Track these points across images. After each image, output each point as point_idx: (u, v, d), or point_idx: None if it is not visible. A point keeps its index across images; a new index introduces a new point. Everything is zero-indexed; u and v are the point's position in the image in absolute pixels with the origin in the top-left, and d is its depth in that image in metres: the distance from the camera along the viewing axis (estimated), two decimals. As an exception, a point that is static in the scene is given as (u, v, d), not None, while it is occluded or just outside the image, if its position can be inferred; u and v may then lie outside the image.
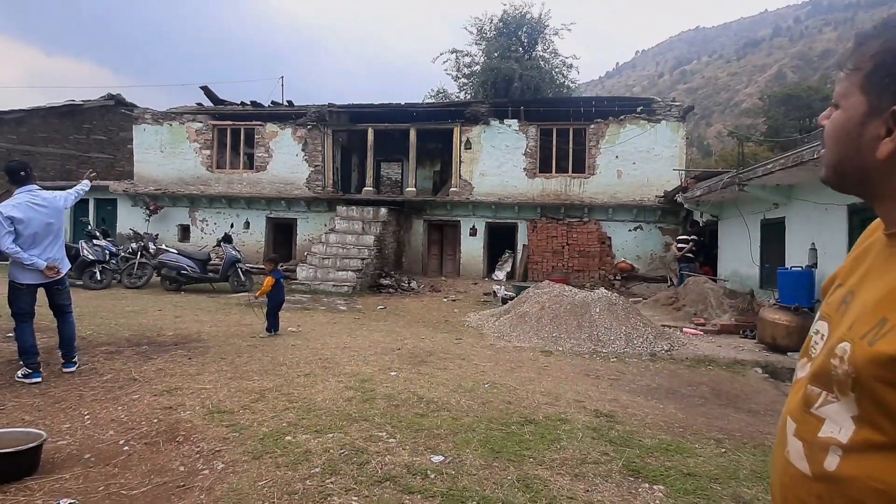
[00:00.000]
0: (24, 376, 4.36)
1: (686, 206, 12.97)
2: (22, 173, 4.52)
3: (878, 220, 0.83)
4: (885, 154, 0.74)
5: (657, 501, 2.87)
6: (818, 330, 0.84)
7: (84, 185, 5.18)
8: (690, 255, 12.21)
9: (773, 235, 9.53)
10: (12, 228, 4.28)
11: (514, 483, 2.99)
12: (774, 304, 7.60)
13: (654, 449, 3.60)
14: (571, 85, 25.45)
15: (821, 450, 0.74)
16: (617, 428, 3.99)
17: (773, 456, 0.88)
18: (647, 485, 3.06)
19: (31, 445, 2.88)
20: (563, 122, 15.53)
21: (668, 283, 13.38)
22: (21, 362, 4.43)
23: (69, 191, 4.97)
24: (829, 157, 0.83)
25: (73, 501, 2.61)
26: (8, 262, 4.49)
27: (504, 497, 2.81)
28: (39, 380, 4.36)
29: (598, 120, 15.16)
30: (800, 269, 7.72)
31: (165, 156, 17.18)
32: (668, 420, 4.28)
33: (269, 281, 7.06)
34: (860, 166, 0.78)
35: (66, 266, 4.71)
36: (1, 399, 3.97)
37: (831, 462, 0.72)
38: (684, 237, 12.59)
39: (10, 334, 5.72)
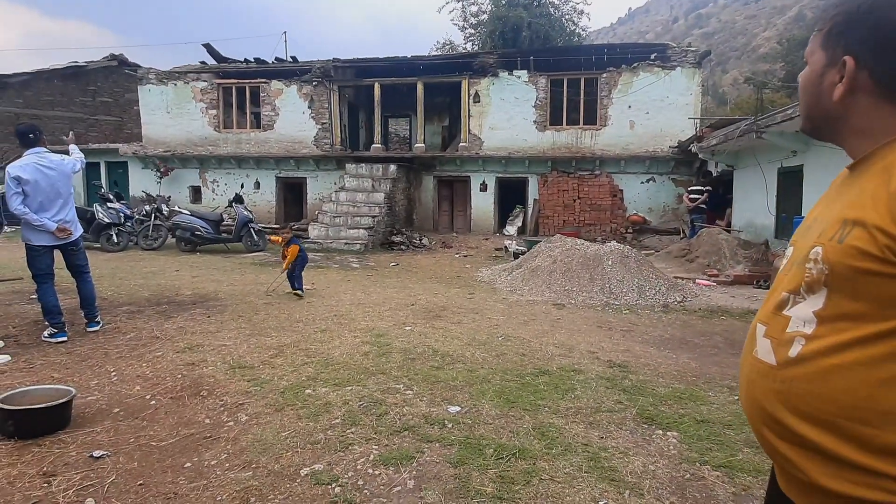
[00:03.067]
0: (50, 336, 4.49)
1: (701, 156, 12.68)
2: (31, 136, 4.52)
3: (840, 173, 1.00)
4: (838, 96, 0.90)
5: (671, 447, 2.92)
6: (787, 255, 1.00)
7: (73, 150, 5.12)
8: (703, 206, 12.04)
9: (790, 184, 9.33)
10: (20, 189, 4.31)
11: (530, 431, 3.06)
12: (790, 254, 7.51)
13: (668, 397, 3.65)
14: (582, 33, 24.52)
15: (787, 343, 0.87)
16: (630, 377, 4.04)
17: (742, 360, 1.00)
18: (660, 431, 3.11)
19: (61, 401, 2.99)
20: (574, 72, 15.05)
21: (681, 236, 13.26)
22: (46, 322, 4.55)
23: (78, 157, 4.96)
24: (801, 108, 0.99)
25: (105, 453, 2.72)
26: (21, 226, 4.55)
27: (520, 444, 2.88)
28: (65, 339, 4.49)
29: (611, 69, 14.67)
30: (817, 217, 7.57)
31: (172, 116, 17.03)
32: (682, 369, 4.32)
33: (294, 250, 6.87)
34: (824, 112, 0.93)
35: (78, 229, 4.74)
36: (30, 358, 4.10)
37: (794, 350, 0.85)
38: (697, 188, 12.38)
39: (34, 296, 5.86)
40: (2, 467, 2.55)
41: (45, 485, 2.42)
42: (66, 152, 5.01)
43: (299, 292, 6.83)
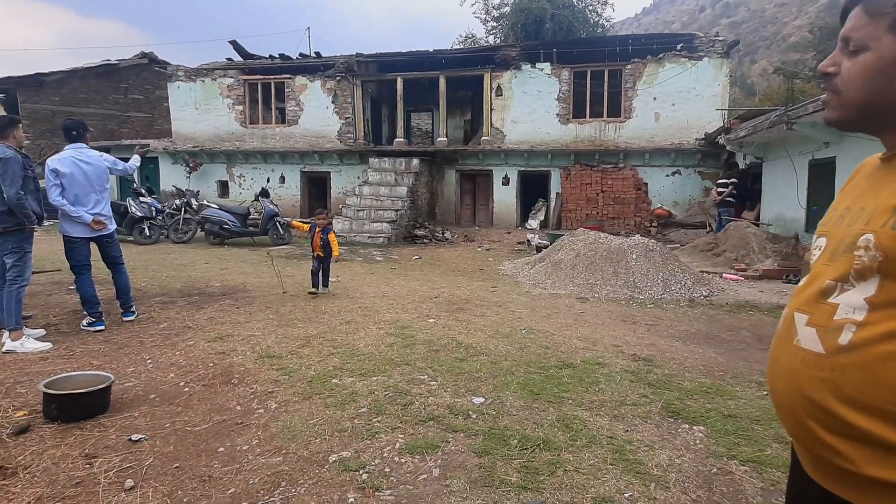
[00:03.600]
0: (89, 325, 4.67)
1: (728, 148, 12.41)
2: (74, 132, 4.74)
3: (861, 164, 1.03)
4: None
5: (698, 441, 2.91)
6: (819, 245, 0.98)
7: (135, 161, 5.35)
8: (731, 199, 11.79)
9: (821, 176, 9.07)
10: (58, 182, 4.52)
11: (554, 423, 3.07)
12: (822, 249, 7.32)
13: (694, 391, 3.61)
14: (606, 24, 24.16)
15: (835, 330, 0.85)
16: (655, 371, 4.02)
17: (775, 352, 0.98)
18: (686, 425, 3.10)
19: (101, 386, 3.11)
20: (598, 64, 14.84)
21: (707, 230, 13.02)
22: (85, 311, 4.73)
23: (121, 162, 5.14)
24: (855, 97, 0.92)
25: (142, 437, 2.82)
26: (58, 219, 4.75)
27: (545, 436, 2.90)
28: (103, 328, 4.66)
29: (635, 60, 14.42)
30: (851, 211, 7.35)
31: (200, 112, 17.38)
32: (708, 364, 4.28)
33: (334, 238, 6.58)
34: (890, 101, 0.89)
35: (112, 223, 4.94)
36: (70, 346, 4.27)
37: (845, 337, 0.83)
38: (724, 181, 12.14)
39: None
40: (46, 449, 2.68)
41: (87, 466, 2.54)
42: (106, 151, 5.22)
43: (322, 290, 6.50)
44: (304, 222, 7.03)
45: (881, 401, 0.78)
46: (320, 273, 6.56)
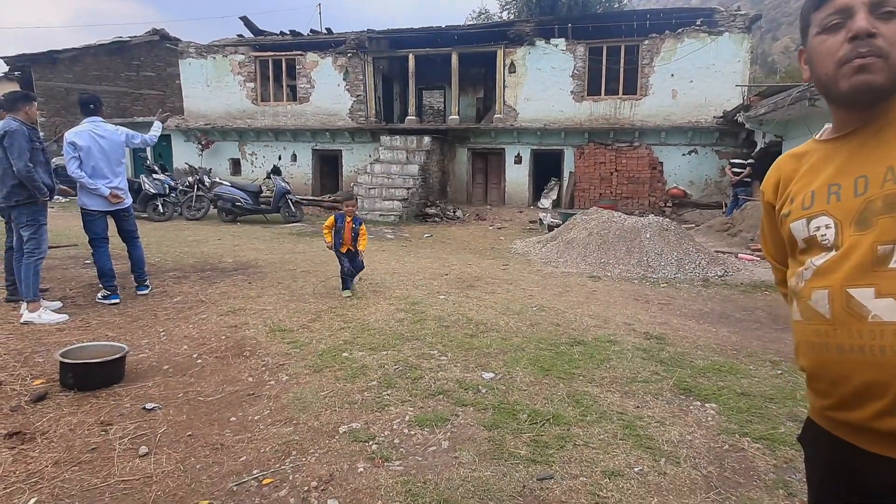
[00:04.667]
0: (104, 297, 4.73)
1: (748, 126, 12.10)
2: (91, 106, 4.82)
3: (814, 144, 1.05)
4: None
5: (709, 418, 2.88)
6: (819, 226, 0.95)
7: (156, 130, 5.37)
8: (748, 179, 11.54)
9: (845, 155, 8.82)
10: (76, 154, 4.60)
11: (564, 398, 3.06)
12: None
13: (707, 370, 3.58)
14: (624, -2, 23.50)
15: None
16: (668, 349, 3.98)
17: (836, 339, 0.89)
18: (698, 403, 3.07)
19: (116, 356, 3.16)
20: (615, 39, 14.46)
21: (723, 210, 12.79)
22: (101, 285, 4.80)
23: (139, 134, 5.18)
24: None
25: (156, 405, 2.87)
26: (76, 195, 4.81)
27: (555, 411, 2.89)
28: (118, 301, 4.73)
29: (653, 35, 14.03)
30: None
31: (212, 90, 17.32)
32: (721, 342, 4.23)
33: (364, 232, 5.50)
34: None
35: (129, 198, 5.02)
36: (85, 318, 4.33)
37: None
38: (739, 161, 11.84)
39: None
40: (63, 416, 2.73)
41: (103, 432, 2.58)
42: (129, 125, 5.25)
43: (348, 291, 5.38)
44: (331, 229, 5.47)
45: None
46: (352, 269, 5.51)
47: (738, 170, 11.68)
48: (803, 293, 0.97)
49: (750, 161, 11.64)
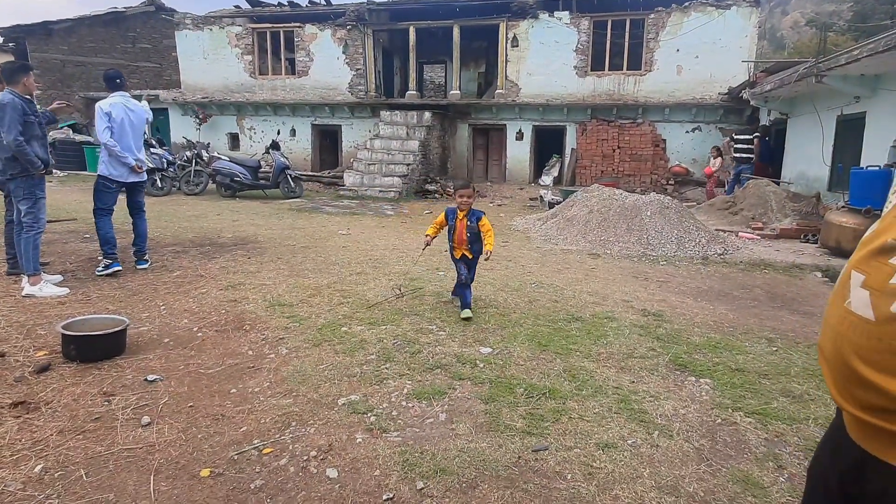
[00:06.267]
0: (105, 267, 4.76)
1: (753, 102, 11.96)
2: (118, 80, 4.99)
3: None
4: None
5: (704, 394, 2.92)
6: (892, 200, 0.88)
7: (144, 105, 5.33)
8: (751, 155, 11.41)
9: (849, 133, 8.74)
10: (111, 125, 4.78)
11: (561, 373, 3.10)
12: (843, 207, 7.15)
13: (703, 346, 3.61)
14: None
15: (890, 295, 0.76)
16: (665, 326, 4.01)
17: (828, 311, 0.90)
18: (693, 378, 3.10)
19: (117, 329, 3.18)
20: (620, 13, 14.18)
21: (724, 188, 12.73)
22: (101, 257, 4.83)
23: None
24: None
25: (158, 377, 2.90)
26: (98, 163, 4.96)
27: (551, 385, 2.93)
28: (119, 268, 4.82)
29: (659, 9, 13.76)
30: (877, 168, 7.13)
31: (209, 62, 17.07)
32: (718, 320, 4.25)
33: (488, 226, 4.07)
34: None
35: (145, 172, 5.22)
36: (86, 291, 4.35)
37: None
38: (744, 136, 11.66)
39: (88, 235, 6.15)
40: (66, 386, 2.77)
41: (106, 403, 2.62)
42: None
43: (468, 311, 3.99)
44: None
45: None
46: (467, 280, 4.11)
47: (742, 146, 11.55)
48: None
49: (756, 135, 11.51)
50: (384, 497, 1.99)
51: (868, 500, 0.84)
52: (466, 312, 3.97)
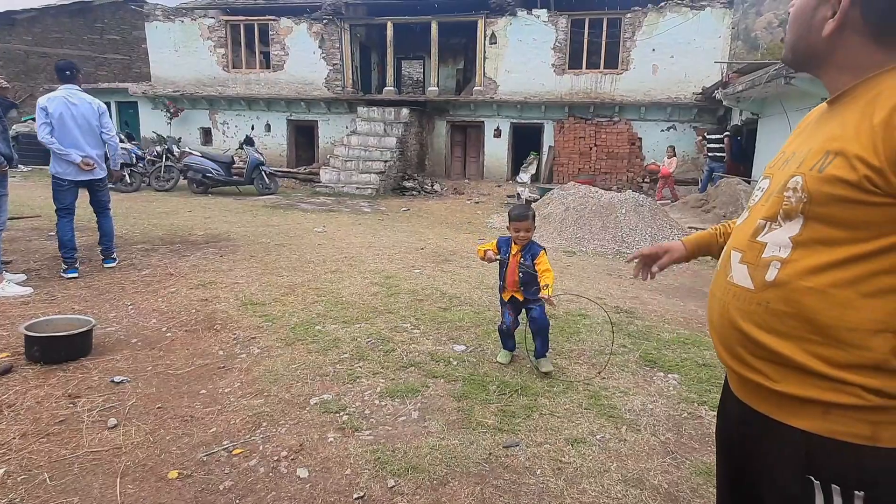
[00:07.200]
0: (64, 272, 4.62)
1: (725, 102, 12.20)
2: (67, 72, 4.66)
3: (816, 107, 1.05)
4: (828, 32, 0.90)
5: (671, 388, 2.99)
6: (761, 187, 1.03)
7: (120, 155, 5.12)
8: (723, 154, 11.67)
9: (815, 133, 8.99)
10: (48, 120, 4.48)
11: (533, 370, 3.13)
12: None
13: (672, 342, 3.69)
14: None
15: (763, 267, 0.92)
16: (636, 323, 4.09)
17: (713, 286, 1.05)
18: (661, 373, 3.18)
19: (83, 329, 3.11)
20: (597, 12, 14.33)
21: (698, 186, 13.00)
22: (61, 255, 4.68)
23: (112, 126, 4.96)
24: (789, 37, 0.99)
25: (125, 378, 2.84)
26: (51, 160, 4.67)
27: (523, 382, 2.96)
28: (76, 275, 4.61)
29: (636, 8, 13.93)
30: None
31: (180, 55, 16.68)
32: (688, 316, 4.35)
33: (546, 264, 3.07)
34: (810, 45, 0.94)
35: (103, 168, 4.87)
36: (50, 290, 4.23)
37: (771, 274, 0.90)
38: (716, 136, 11.93)
39: (53, 233, 5.97)
40: (30, 388, 2.69)
41: (71, 405, 2.56)
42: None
43: (536, 362, 3.14)
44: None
45: (799, 329, 0.86)
46: (523, 326, 3.25)
47: (714, 145, 11.81)
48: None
49: (726, 134, 11.77)
50: (355, 496, 2.00)
51: (749, 444, 0.99)
52: (504, 356, 3.23)
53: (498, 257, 3.13)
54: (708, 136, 12.17)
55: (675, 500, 2.04)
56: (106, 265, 4.92)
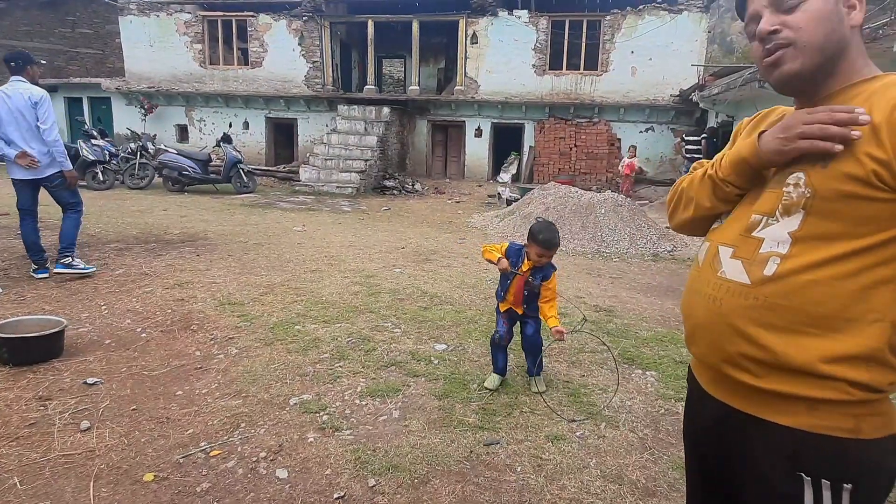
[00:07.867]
0: (34, 272, 4.47)
1: (702, 105, 12.44)
2: (13, 64, 4.35)
3: (765, 112, 1.10)
4: (858, 20, 0.91)
5: (649, 385, 3.03)
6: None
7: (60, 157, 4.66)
8: (699, 156, 11.92)
9: (788, 136, 9.22)
10: None
11: (514, 368, 3.15)
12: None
13: (650, 340, 3.75)
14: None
15: (760, 262, 0.91)
16: (615, 321, 4.14)
17: (696, 283, 1.03)
18: (640, 371, 3.22)
19: (54, 330, 3.02)
20: (577, 14, 14.48)
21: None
22: (30, 258, 4.53)
23: (52, 121, 4.44)
24: (814, 40, 0.90)
25: (98, 380, 2.78)
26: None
27: (504, 381, 2.97)
28: (46, 275, 4.44)
29: (615, 11, 14.12)
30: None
31: (156, 50, 16.33)
32: (666, 314, 4.43)
33: (554, 291, 2.95)
34: (840, 38, 0.91)
35: (53, 166, 4.42)
36: (20, 291, 4.11)
37: (770, 269, 0.89)
38: (694, 138, 12.19)
39: (20, 232, 5.79)
40: (-3, 392, 2.61)
41: (42, 408, 2.49)
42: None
43: (536, 387, 2.93)
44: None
45: (796, 323, 0.87)
46: (520, 348, 3.13)
47: (692, 146, 12.04)
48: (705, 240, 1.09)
49: (703, 136, 12.00)
50: (335, 496, 1.98)
51: (728, 442, 0.98)
52: (492, 380, 2.92)
53: (512, 270, 2.89)
54: (686, 138, 12.40)
55: (652, 495, 2.07)
56: (55, 269, 4.49)
